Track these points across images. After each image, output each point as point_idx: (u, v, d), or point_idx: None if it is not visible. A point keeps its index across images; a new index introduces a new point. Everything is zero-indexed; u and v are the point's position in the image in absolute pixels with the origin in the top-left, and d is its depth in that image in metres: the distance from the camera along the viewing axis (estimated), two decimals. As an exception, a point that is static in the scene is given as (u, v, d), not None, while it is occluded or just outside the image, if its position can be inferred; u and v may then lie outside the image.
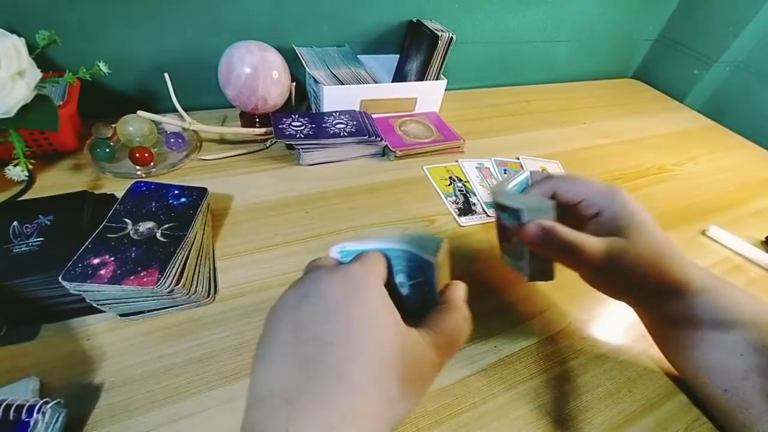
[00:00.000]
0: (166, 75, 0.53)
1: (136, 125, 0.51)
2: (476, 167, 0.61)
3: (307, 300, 0.21)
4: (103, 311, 0.34)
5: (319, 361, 0.18)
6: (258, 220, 0.47)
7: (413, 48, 0.66)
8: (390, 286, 0.25)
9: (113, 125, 0.51)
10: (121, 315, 0.34)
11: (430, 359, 0.22)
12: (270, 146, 0.58)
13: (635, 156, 0.71)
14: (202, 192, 0.42)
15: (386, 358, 0.19)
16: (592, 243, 0.29)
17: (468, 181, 0.58)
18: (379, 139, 0.57)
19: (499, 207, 0.35)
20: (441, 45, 0.61)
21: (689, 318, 0.31)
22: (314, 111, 0.65)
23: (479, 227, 0.51)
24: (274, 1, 0.60)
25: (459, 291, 0.26)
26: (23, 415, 0.25)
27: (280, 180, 0.53)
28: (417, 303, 0.26)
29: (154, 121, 0.52)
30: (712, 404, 0.33)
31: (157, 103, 0.61)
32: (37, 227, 0.35)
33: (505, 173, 0.60)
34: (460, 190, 0.56)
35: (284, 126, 0.55)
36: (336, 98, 0.60)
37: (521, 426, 0.32)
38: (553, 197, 0.33)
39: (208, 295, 0.37)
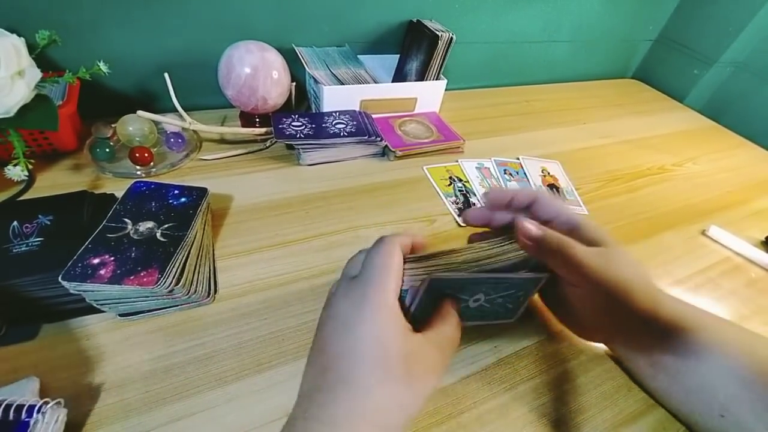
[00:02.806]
0: (166, 75, 0.53)
1: (136, 125, 0.51)
2: (476, 167, 0.61)
3: (329, 320, 0.27)
4: (103, 311, 0.34)
5: (332, 368, 0.24)
6: (258, 220, 0.47)
7: (413, 48, 0.66)
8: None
9: (113, 125, 0.51)
10: (120, 315, 0.34)
11: (434, 356, 0.26)
12: (270, 146, 0.58)
13: (635, 156, 0.71)
14: (202, 192, 0.42)
15: (390, 363, 0.23)
16: (581, 246, 0.30)
17: (468, 181, 0.58)
18: (379, 139, 0.57)
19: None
20: (441, 45, 0.61)
21: (679, 329, 0.31)
22: (314, 111, 0.65)
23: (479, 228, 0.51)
24: (274, 1, 0.60)
25: (452, 304, 0.30)
26: (23, 415, 0.25)
27: (280, 180, 0.53)
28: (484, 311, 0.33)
29: (154, 121, 0.52)
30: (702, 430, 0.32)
31: (157, 103, 0.61)
32: (36, 227, 0.35)
33: (505, 173, 0.60)
34: (460, 190, 0.56)
35: (284, 126, 0.55)
36: (336, 98, 0.60)
37: (521, 426, 0.32)
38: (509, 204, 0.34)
39: (208, 295, 0.37)
